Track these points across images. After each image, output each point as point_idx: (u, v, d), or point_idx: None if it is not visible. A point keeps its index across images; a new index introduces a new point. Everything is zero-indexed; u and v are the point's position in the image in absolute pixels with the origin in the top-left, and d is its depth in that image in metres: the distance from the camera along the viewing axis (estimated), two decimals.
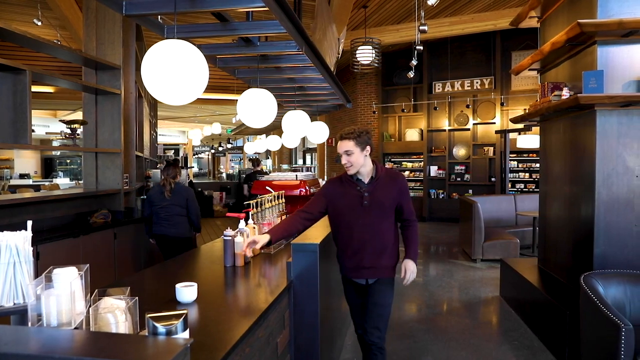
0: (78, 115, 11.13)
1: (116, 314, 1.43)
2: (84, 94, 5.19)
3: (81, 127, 4.95)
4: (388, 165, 12.28)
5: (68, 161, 18.45)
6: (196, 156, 28.64)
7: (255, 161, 10.18)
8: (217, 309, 2.16)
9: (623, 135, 3.50)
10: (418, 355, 3.71)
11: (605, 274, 3.20)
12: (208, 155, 29.01)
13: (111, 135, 5.17)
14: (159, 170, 6.76)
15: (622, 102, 3.40)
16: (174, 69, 2.13)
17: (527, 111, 4.49)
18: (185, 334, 1.41)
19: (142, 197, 6.21)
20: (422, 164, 11.79)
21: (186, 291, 2.15)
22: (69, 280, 1.37)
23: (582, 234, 3.76)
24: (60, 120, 5.48)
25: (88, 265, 1.49)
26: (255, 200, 3.27)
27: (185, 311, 1.44)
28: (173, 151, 19.81)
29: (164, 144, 20.37)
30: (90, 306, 1.40)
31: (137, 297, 1.49)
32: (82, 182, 5.73)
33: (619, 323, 2.68)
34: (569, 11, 4.00)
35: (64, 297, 1.35)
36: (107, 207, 5.13)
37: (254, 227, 3.13)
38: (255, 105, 3.49)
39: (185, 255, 3.40)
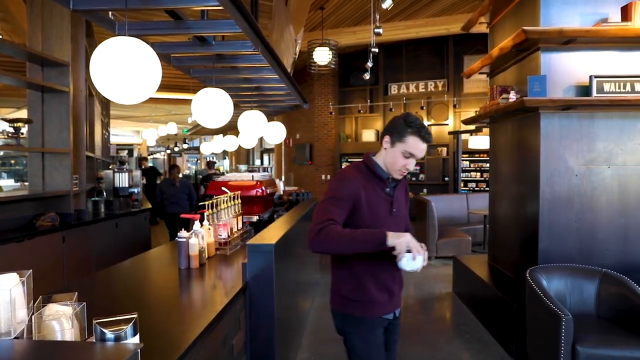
0: (23, 114, 10.59)
1: (62, 321, 1.38)
2: (29, 91, 4.94)
3: (26, 125, 4.71)
4: (345, 165, 12.39)
5: (12, 162, 17.49)
6: (151, 156, 27.88)
7: (210, 163, 10.13)
8: (171, 312, 2.12)
9: (564, 137, 3.70)
10: None
11: (549, 268, 3.37)
12: (163, 155, 28.31)
13: (59, 134, 4.96)
14: (112, 171, 6.55)
15: (563, 106, 3.60)
16: (124, 67, 2.07)
17: (477, 113, 4.66)
18: (136, 339, 1.38)
19: (93, 199, 6.01)
20: None
21: None
22: (8, 287, 1.31)
23: (528, 231, 3.94)
24: (2, 119, 5.21)
25: (31, 271, 1.43)
26: (210, 201, 3.23)
27: (135, 315, 1.41)
28: (127, 151, 19.18)
29: (117, 144, 19.72)
30: (33, 314, 1.34)
31: (84, 303, 1.44)
32: (27, 183, 5.46)
33: (560, 314, 2.83)
34: (515, 18, 4.18)
35: (2, 305, 1.28)
36: (55, 210, 4.92)
37: (209, 229, 3.10)
38: (211, 105, 3.45)
39: (139, 258, 3.31)
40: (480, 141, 9.60)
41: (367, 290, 1.98)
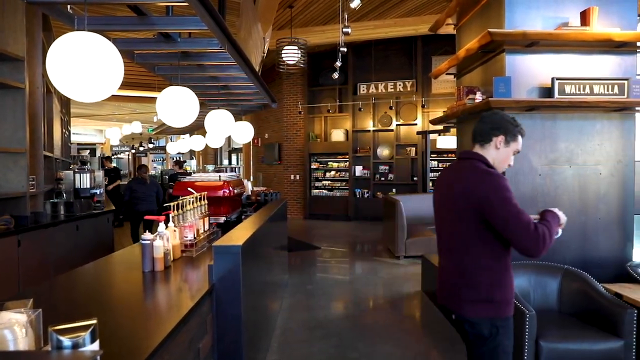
0: None
1: (14, 329, 1.30)
2: None
3: None
4: (314, 165, 12.41)
5: None
6: (115, 156, 27.15)
7: (179, 162, 10.04)
8: (134, 317, 2.05)
9: (528, 137, 3.75)
10: (344, 353, 3.76)
11: (514, 266, 3.42)
12: (128, 155, 27.62)
13: (14, 133, 4.73)
14: (72, 172, 6.32)
15: (526, 107, 3.68)
16: (83, 64, 1.99)
17: (445, 113, 4.72)
18: (95, 346, 1.31)
19: (51, 200, 5.78)
20: (347, 164, 12.02)
21: None
22: None
23: None
24: None
25: None
26: (176, 202, 3.14)
27: (94, 321, 1.34)
28: (89, 151, 18.59)
29: (78, 144, 19.08)
30: None
31: (40, 310, 1.36)
32: None
33: (524, 310, 2.89)
34: (481, 20, 4.26)
35: None
36: (10, 213, 4.69)
37: (175, 230, 3.01)
38: (176, 104, 3.36)
39: (101, 261, 3.19)
40: (448, 141, 9.76)
41: (512, 289, 2.08)
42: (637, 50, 3.86)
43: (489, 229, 1.97)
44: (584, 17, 3.68)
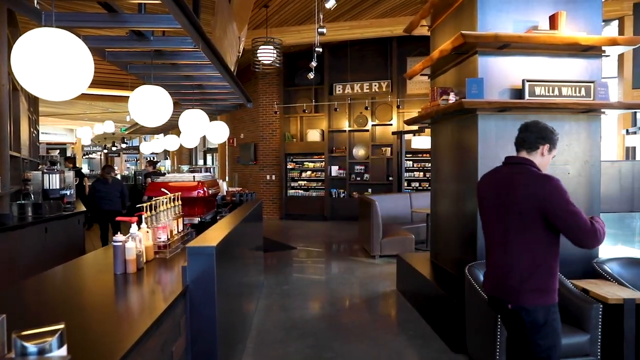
0: None
1: None
2: None
3: None
4: (290, 165, 12.39)
5: None
6: (87, 156, 26.55)
7: (152, 162, 9.91)
8: (105, 320, 2.00)
9: (500, 137, 3.87)
10: (320, 353, 3.77)
11: (484, 265, 3.50)
12: (100, 155, 27.03)
13: None
14: (41, 172, 6.14)
15: (498, 107, 3.75)
16: (50, 61, 1.93)
17: (419, 114, 4.77)
18: (62, 351, 1.27)
19: (18, 202, 5.60)
20: (323, 164, 12.04)
21: None
22: None
23: (467, 228, 4.08)
24: None
25: None
26: (149, 203, 3.09)
27: (61, 326, 1.30)
28: (58, 151, 18.08)
29: (48, 143, 18.54)
30: None
31: (4, 315, 1.32)
32: None
33: None
34: (455, 22, 4.32)
35: None
36: None
37: (148, 232, 2.96)
38: (149, 103, 3.31)
39: (71, 264, 3.11)
40: (423, 141, 9.86)
41: (558, 279, 2.34)
42: (602, 54, 3.98)
43: (547, 227, 2.23)
44: (553, 21, 3.78)
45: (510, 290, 2.30)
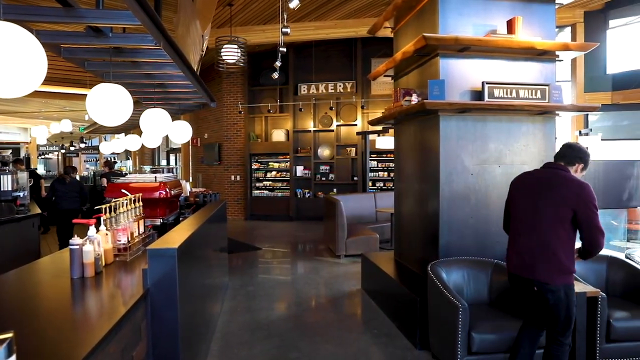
0: None
1: None
2: None
3: None
4: (255, 165, 12.30)
5: None
6: (42, 157, 25.50)
7: (109, 163, 9.74)
8: (60, 327, 1.93)
9: (461, 138, 3.96)
10: (286, 354, 3.75)
11: (448, 262, 3.59)
12: (58, 155, 26.02)
13: None
14: None
15: (459, 109, 3.84)
16: None
17: (383, 114, 4.82)
18: None
19: None
20: (288, 164, 12.01)
21: None
22: None
23: (430, 227, 4.16)
24: None
25: None
26: (108, 204, 2.99)
27: (9, 335, 1.24)
28: (11, 150, 17.26)
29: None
30: None
31: None
32: None
33: (457, 304, 3.02)
34: (417, 25, 4.40)
35: None
36: None
37: (107, 234, 2.87)
38: (108, 101, 3.20)
39: (25, 268, 2.97)
40: (387, 141, 9.98)
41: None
42: (556, 59, 4.15)
43: (572, 222, 2.66)
44: (510, 26, 3.90)
45: (538, 271, 2.71)
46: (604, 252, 4.14)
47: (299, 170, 11.99)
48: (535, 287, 2.73)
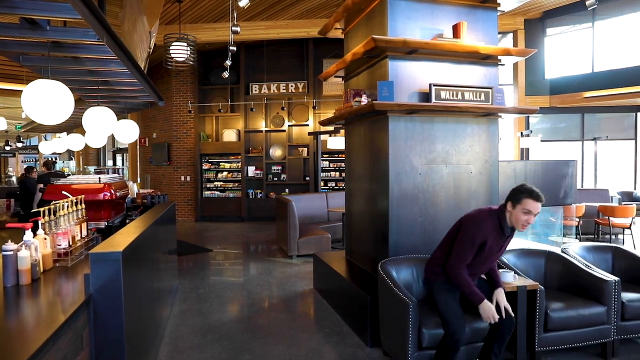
0: None
1: None
2: None
3: None
4: (205, 166, 12.06)
5: None
6: None
7: (48, 163, 9.17)
8: None
9: (409, 138, 4.06)
10: (237, 356, 3.70)
11: (398, 260, 3.66)
12: None
13: None
14: None
15: (407, 110, 3.94)
16: None
17: (334, 115, 4.86)
18: None
19: None
20: (239, 164, 11.87)
21: None
22: None
23: (380, 226, 4.23)
24: None
25: None
26: (47, 207, 2.84)
27: None
28: None
29: None
30: None
31: None
32: None
33: (407, 300, 3.09)
34: (367, 27, 4.46)
35: None
36: None
37: (45, 238, 2.72)
38: (46, 99, 3.04)
39: None
40: (338, 142, 10.06)
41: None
42: (499, 63, 4.33)
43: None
44: (456, 30, 4.04)
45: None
46: (543, 247, 4.38)
47: (251, 170, 11.88)
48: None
